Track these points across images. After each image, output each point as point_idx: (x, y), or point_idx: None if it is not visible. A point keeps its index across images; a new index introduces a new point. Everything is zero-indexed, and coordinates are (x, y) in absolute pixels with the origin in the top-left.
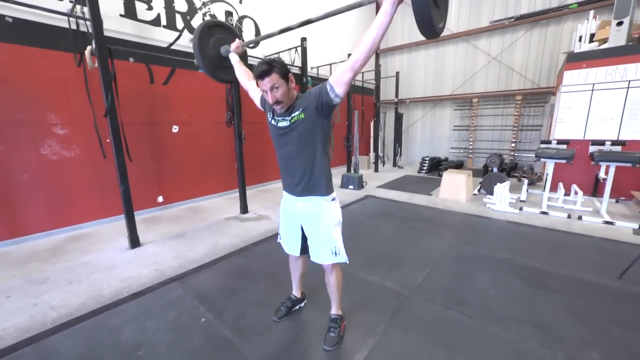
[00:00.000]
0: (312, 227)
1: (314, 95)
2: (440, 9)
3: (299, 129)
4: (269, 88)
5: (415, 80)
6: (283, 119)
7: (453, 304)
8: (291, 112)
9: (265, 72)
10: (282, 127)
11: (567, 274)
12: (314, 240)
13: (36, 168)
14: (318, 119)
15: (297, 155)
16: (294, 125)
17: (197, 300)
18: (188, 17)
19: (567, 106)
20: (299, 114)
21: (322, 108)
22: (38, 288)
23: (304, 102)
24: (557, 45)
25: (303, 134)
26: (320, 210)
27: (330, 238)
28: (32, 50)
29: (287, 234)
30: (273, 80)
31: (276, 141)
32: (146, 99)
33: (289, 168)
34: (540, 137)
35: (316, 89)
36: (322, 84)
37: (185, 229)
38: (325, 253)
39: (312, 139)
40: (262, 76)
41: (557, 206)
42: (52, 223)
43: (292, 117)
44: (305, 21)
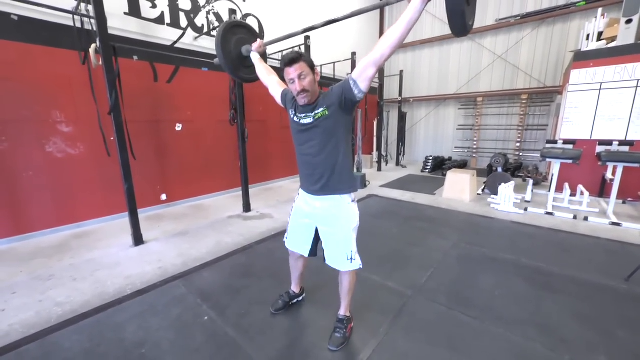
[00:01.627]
0: (329, 228)
1: (337, 92)
2: (470, 6)
3: (322, 126)
4: (297, 76)
5: (419, 78)
6: (306, 115)
7: (456, 305)
8: (315, 108)
9: (294, 60)
10: (305, 124)
11: (572, 275)
12: (330, 244)
13: (41, 165)
14: (342, 116)
15: (319, 152)
16: (318, 122)
17: (200, 299)
18: (192, 15)
19: (573, 105)
20: (323, 111)
21: (346, 104)
22: (43, 284)
23: (327, 99)
24: (563, 43)
25: (327, 131)
26: (339, 211)
27: (347, 241)
28: (37, 48)
29: (298, 234)
30: (301, 68)
31: (297, 138)
32: (150, 97)
33: (309, 165)
34: (545, 137)
35: (339, 85)
36: (344, 80)
37: (189, 227)
38: (341, 258)
39: (336, 135)
40: (291, 63)
41: (562, 207)
42: (57, 220)
43: (315, 114)
44: (330, 21)
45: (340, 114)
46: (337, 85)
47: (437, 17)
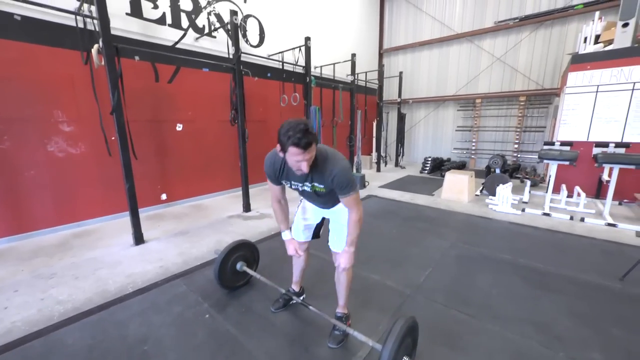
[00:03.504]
0: (336, 216)
1: (330, 182)
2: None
3: (321, 192)
4: (307, 160)
5: (418, 80)
6: (304, 184)
7: (454, 303)
8: (312, 180)
9: (309, 144)
10: (304, 191)
11: (568, 275)
12: (335, 229)
13: (43, 164)
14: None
15: (321, 200)
16: (318, 191)
17: (200, 297)
18: (193, 16)
19: (571, 107)
20: (320, 188)
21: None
22: (45, 283)
23: (322, 179)
24: (561, 46)
25: (327, 195)
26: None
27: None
28: (40, 48)
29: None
30: (312, 152)
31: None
32: (151, 97)
33: (312, 202)
34: (543, 138)
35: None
36: (342, 183)
37: (189, 227)
38: (343, 242)
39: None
40: (307, 147)
41: (559, 208)
42: (59, 219)
43: (313, 186)
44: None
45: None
46: (330, 180)
47: (436, 19)
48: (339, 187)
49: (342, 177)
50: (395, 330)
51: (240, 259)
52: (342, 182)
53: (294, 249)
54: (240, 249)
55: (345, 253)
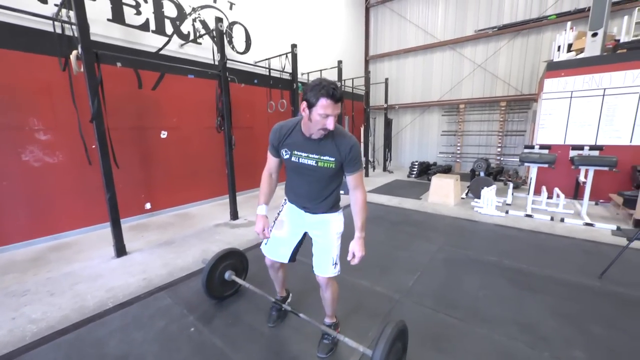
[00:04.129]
0: (321, 232)
1: (346, 153)
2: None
3: (322, 171)
4: (335, 114)
5: (404, 86)
6: (308, 156)
7: (442, 307)
8: (321, 152)
9: (341, 98)
10: (305, 165)
11: (551, 275)
12: (320, 247)
13: (17, 175)
14: (341, 170)
15: (315, 186)
16: (320, 168)
17: (186, 309)
18: (177, 22)
19: (547, 112)
20: (330, 162)
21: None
22: (17, 301)
23: (336, 150)
24: (538, 54)
25: (327, 175)
26: (329, 220)
27: (333, 245)
28: (15, 54)
29: (282, 238)
30: (340, 109)
31: (293, 171)
32: (134, 104)
33: (303, 187)
34: (524, 142)
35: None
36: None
37: (174, 236)
38: (327, 263)
39: (335, 176)
40: (338, 100)
41: (541, 209)
42: (33, 232)
43: (319, 160)
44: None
45: (340, 169)
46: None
47: (419, 27)
48: (354, 160)
49: (357, 151)
50: (386, 335)
51: (228, 267)
52: (357, 156)
53: (261, 228)
54: (228, 257)
55: (359, 240)
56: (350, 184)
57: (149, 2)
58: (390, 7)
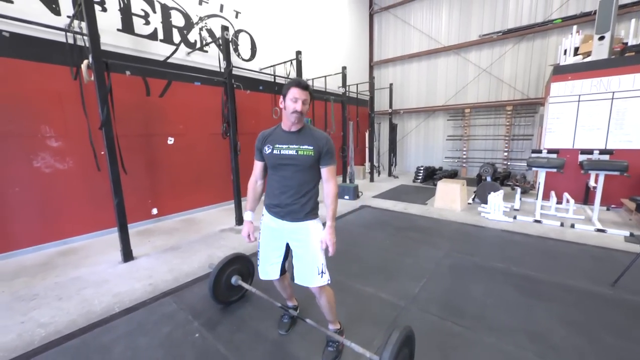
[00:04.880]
0: (301, 242)
1: (323, 144)
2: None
3: (303, 160)
4: (302, 99)
5: (408, 91)
6: (288, 147)
7: (449, 315)
8: (300, 142)
9: (307, 87)
10: (286, 156)
11: (560, 282)
12: (301, 258)
13: (28, 181)
14: (317, 163)
15: (295, 179)
16: (300, 157)
17: (191, 315)
18: (185, 31)
19: (555, 116)
20: (309, 150)
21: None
22: (26, 305)
23: (314, 141)
24: (544, 57)
25: (306, 164)
26: (308, 228)
27: (317, 254)
28: (28, 64)
29: (269, 253)
30: (307, 96)
31: (275, 168)
32: (142, 111)
33: (283, 183)
34: (531, 146)
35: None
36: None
37: (180, 242)
38: (311, 273)
39: (311, 170)
40: (304, 88)
41: (550, 214)
42: (43, 237)
43: (300, 149)
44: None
45: (317, 160)
46: (324, 143)
47: (423, 33)
48: (329, 153)
49: (332, 145)
50: (392, 340)
51: (235, 272)
52: (332, 149)
53: (247, 233)
54: (235, 262)
55: (330, 229)
56: (324, 176)
57: (157, 12)
58: (394, 13)
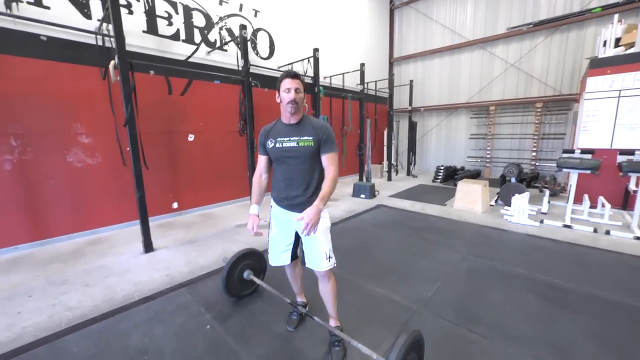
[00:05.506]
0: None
1: (322, 133)
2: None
3: (304, 151)
4: (294, 88)
5: (429, 88)
6: (289, 139)
7: (464, 321)
8: (300, 134)
9: (296, 75)
10: (288, 148)
11: (591, 293)
12: (309, 245)
13: (62, 174)
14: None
15: (298, 171)
16: (301, 148)
17: (203, 307)
18: (205, 31)
19: (591, 114)
20: (309, 141)
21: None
22: (57, 289)
23: (313, 131)
24: (579, 50)
25: (307, 155)
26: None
27: (324, 240)
28: (63, 66)
29: (279, 241)
30: (299, 85)
31: (278, 161)
32: (164, 109)
33: (288, 175)
34: (563, 145)
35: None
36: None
37: (198, 236)
38: (319, 258)
39: (313, 160)
40: (293, 77)
41: (582, 219)
42: (74, 226)
43: (300, 140)
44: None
45: (318, 149)
46: (323, 131)
47: (446, 27)
48: (328, 140)
49: (331, 133)
50: (400, 343)
51: (247, 267)
52: (331, 137)
53: (252, 226)
54: (248, 257)
55: (314, 207)
56: (324, 163)
57: (179, 14)
58: (415, 7)
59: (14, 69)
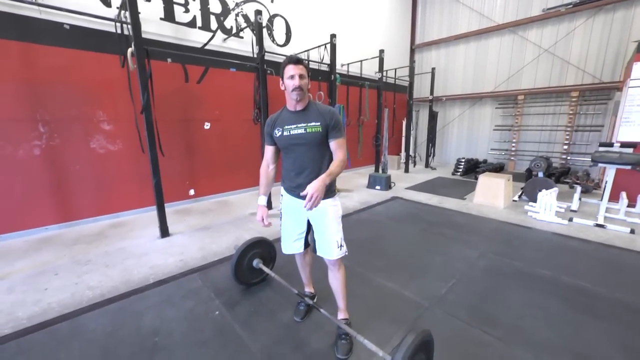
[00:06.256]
0: (319, 220)
1: (329, 118)
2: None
3: (313, 137)
4: (298, 74)
5: (453, 76)
6: (297, 126)
7: (478, 322)
8: (307, 120)
9: (299, 61)
10: (296, 135)
11: (624, 300)
12: (321, 234)
13: (86, 160)
14: (326, 137)
15: (308, 158)
16: (309, 134)
17: (213, 293)
18: (222, 18)
19: (635, 103)
20: (317, 126)
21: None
22: (80, 269)
23: (320, 116)
24: (625, 33)
25: (315, 141)
26: (326, 207)
27: (336, 229)
28: (86, 54)
29: (291, 230)
30: (302, 70)
31: (287, 150)
32: (181, 97)
33: (297, 163)
34: (600, 138)
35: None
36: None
37: (212, 222)
38: (331, 247)
39: (322, 146)
40: (296, 63)
41: (617, 218)
42: (98, 210)
43: (308, 126)
44: None
45: (326, 136)
46: (330, 116)
47: (474, 10)
48: (336, 126)
49: (338, 118)
50: (407, 342)
51: (256, 256)
52: (338, 122)
53: (260, 217)
54: (257, 246)
55: (320, 180)
56: (332, 148)
57: (196, 0)
58: None
59: (40, 58)
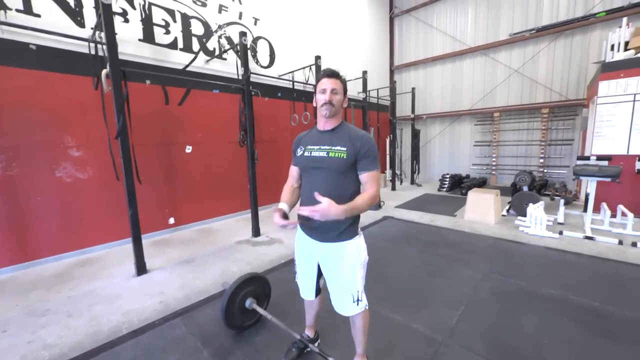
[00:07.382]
0: (332, 264)
1: (360, 145)
2: None
3: (334, 163)
4: (330, 88)
5: (432, 95)
6: (320, 148)
7: (498, 355)
8: (332, 143)
9: (334, 74)
10: (315, 158)
11: (632, 317)
12: (333, 283)
13: (50, 190)
14: (353, 166)
15: (327, 186)
16: (331, 159)
17: (200, 342)
18: (204, 39)
19: (605, 119)
20: (342, 152)
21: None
22: (36, 321)
23: (349, 141)
24: (585, 55)
25: (338, 167)
26: (341, 252)
27: (353, 280)
28: (54, 76)
29: (302, 272)
30: (337, 85)
31: (305, 173)
32: (161, 119)
33: (313, 198)
34: (572, 151)
35: (365, 145)
36: (371, 154)
37: (195, 254)
38: (346, 300)
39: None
40: (331, 76)
41: (603, 230)
42: (63, 246)
43: (331, 150)
44: None
45: (353, 164)
46: (362, 143)
47: (447, 34)
48: (368, 156)
49: (373, 146)
50: None
51: (249, 295)
52: (372, 151)
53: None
54: (249, 283)
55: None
56: (362, 180)
57: (177, 22)
58: (415, 15)
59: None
